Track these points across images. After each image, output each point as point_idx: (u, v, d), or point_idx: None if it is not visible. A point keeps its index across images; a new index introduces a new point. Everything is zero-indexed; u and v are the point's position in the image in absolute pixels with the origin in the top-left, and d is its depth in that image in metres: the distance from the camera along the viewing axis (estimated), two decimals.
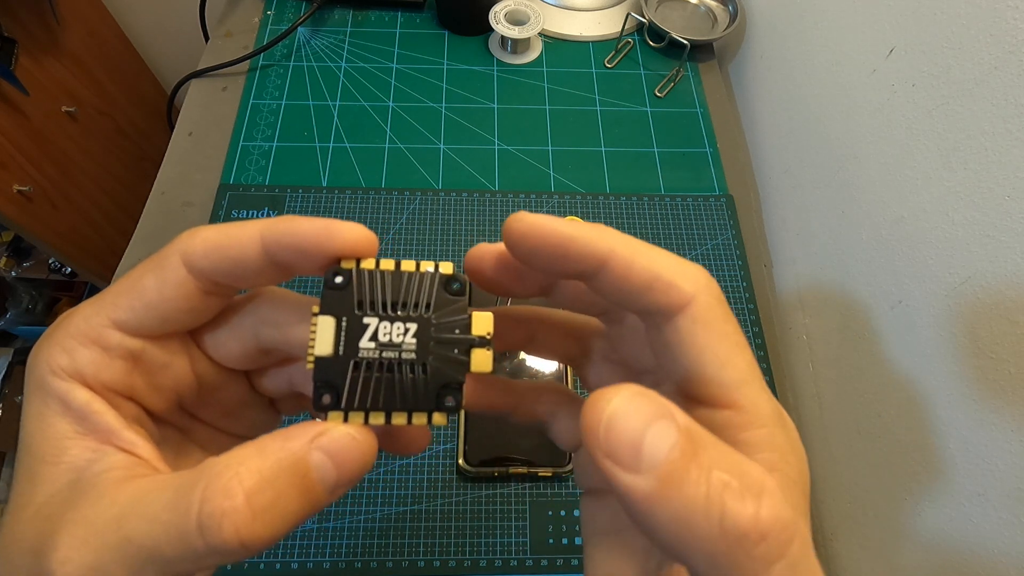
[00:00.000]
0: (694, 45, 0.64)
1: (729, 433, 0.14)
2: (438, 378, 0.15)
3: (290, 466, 0.13)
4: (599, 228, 0.15)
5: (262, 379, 0.19)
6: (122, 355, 0.15)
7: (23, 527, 0.14)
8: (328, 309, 0.15)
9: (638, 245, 0.15)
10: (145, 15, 1.05)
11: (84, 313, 0.15)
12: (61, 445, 0.14)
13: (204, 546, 0.12)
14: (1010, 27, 0.33)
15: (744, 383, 0.14)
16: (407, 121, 0.62)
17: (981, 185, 0.35)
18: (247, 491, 0.12)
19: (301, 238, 0.14)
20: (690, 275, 0.14)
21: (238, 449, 0.13)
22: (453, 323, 0.15)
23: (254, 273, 0.15)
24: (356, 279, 0.15)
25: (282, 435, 0.13)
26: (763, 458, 0.14)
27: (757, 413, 0.14)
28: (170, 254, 0.15)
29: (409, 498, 0.44)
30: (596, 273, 0.15)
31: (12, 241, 0.98)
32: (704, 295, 0.14)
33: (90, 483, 0.14)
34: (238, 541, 0.12)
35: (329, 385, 0.15)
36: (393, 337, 0.15)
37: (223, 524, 0.12)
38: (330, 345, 0.15)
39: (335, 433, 0.14)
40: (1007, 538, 0.33)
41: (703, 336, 0.14)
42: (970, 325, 0.35)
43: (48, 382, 0.14)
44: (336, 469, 0.13)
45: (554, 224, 0.15)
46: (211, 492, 0.12)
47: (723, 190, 0.60)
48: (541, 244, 0.15)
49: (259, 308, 0.17)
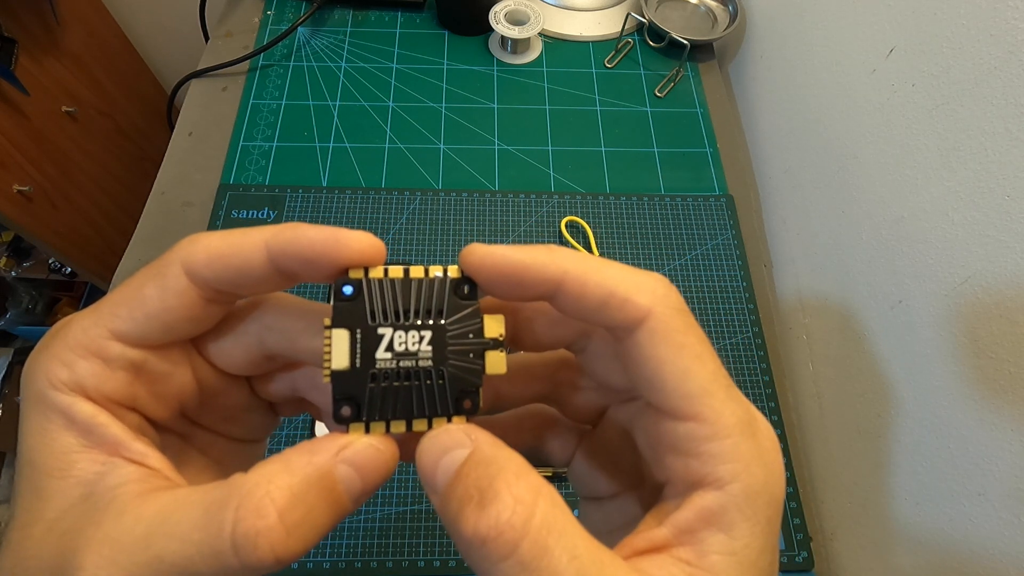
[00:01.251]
0: (694, 45, 0.64)
1: (692, 445, 0.14)
2: (456, 383, 0.15)
3: (318, 480, 0.13)
4: (550, 250, 0.15)
5: (264, 384, 0.19)
6: (123, 366, 0.15)
7: (36, 544, 0.13)
8: (341, 322, 0.15)
9: (591, 263, 0.15)
10: (145, 15, 1.05)
11: (82, 324, 0.15)
12: (68, 459, 0.14)
13: (239, 564, 0.12)
14: (1010, 27, 0.33)
15: (705, 394, 0.14)
16: (407, 121, 0.62)
17: (981, 185, 0.35)
18: (280, 509, 0.12)
19: (308, 248, 0.14)
20: (646, 288, 0.15)
21: (264, 465, 0.13)
22: (467, 328, 0.15)
23: (258, 282, 0.15)
24: (367, 289, 0.15)
25: (307, 449, 0.14)
26: (726, 469, 0.14)
27: (720, 424, 0.14)
28: (171, 262, 0.15)
29: (409, 498, 0.44)
30: (553, 295, 0.15)
31: (12, 241, 0.98)
32: (661, 307, 0.14)
33: (107, 498, 0.14)
34: (273, 558, 0.12)
35: (349, 398, 0.15)
36: (409, 346, 0.15)
37: (258, 543, 0.12)
38: (346, 358, 0.15)
39: (359, 445, 0.14)
40: (1007, 538, 0.33)
41: (663, 349, 0.14)
42: (970, 325, 0.35)
43: (49, 396, 0.14)
44: (361, 480, 0.14)
45: (504, 253, 0.15)
46: (244, 512, 0.12)
47: (723, 190, 0.60)
48: (495, 274, 0.15)
49: (264, 315, 0.17)
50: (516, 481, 0.13)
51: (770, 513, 0.14)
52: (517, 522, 0.12)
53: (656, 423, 0.15)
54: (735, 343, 0.51)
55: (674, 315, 0.15)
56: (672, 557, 0.14)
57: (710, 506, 0.14)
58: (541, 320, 0.18)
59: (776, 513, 0.14)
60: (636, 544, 0.14)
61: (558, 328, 0.18)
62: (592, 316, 0.15)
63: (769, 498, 0.14)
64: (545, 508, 0.13)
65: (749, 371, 0.50)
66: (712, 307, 0.53)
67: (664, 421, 0.15)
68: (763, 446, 0.14)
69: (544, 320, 0.18)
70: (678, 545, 0.14)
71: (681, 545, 0.14)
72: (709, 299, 0.53)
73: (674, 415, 0.14)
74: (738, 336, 0.52)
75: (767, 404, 0.49)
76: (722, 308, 0.53)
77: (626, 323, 0.14)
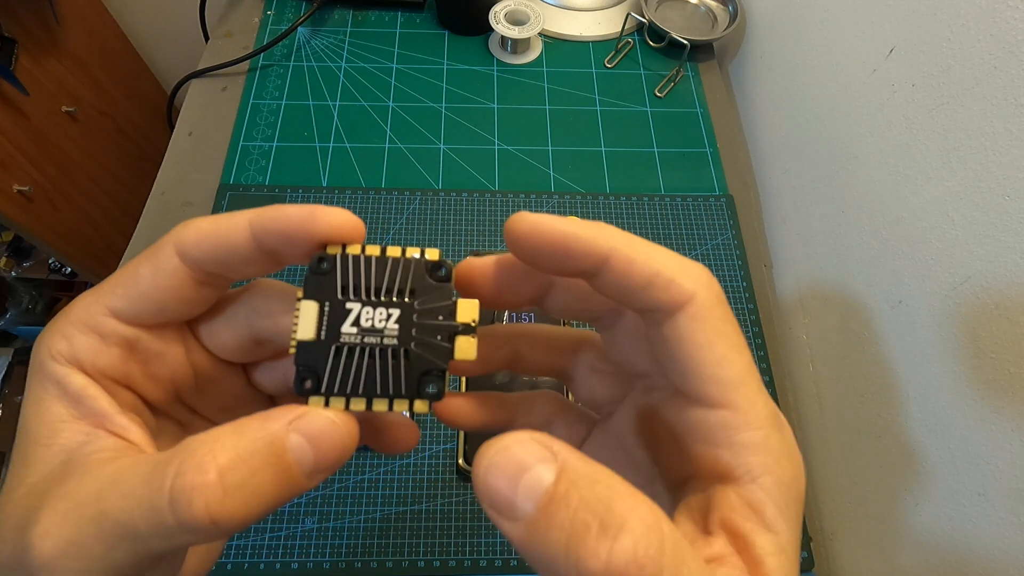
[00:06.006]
0: (694, 45, 0.64)
1: (724, 434, 0.14)
2: (419, 364, 0.15)
3: (266, 446, 0.13)
4: (600, 226, 0.15)
5: (257, 373, 0.19)
6: (118, 342, 0.15)
7: (12, 506, 0.14)
8: (311, 294, 0.15)
9: (639, 242, 0.15)
10: (145, 15, 1.05)
11: (84, 301, 0.15)
12: (55, 428, 0.14)
13: (175, 521, 0.12)
14: (1010, 27, 0.33)
15: (742, 383, 0.14)
16: (407, 121, 0.62)
17: (981, 185, 0.35)
18: (220, 467, 0.12)
19: (286, 223, 0.15)
20: (691, 273, 0.14)
21: (217, 428, 0.13)
22: (437, 309, 0.15)
23: (244, 261, 0.15)
24: (340, 264, 0.15)
25: (261, 416, 0.13)
26: (757, 461, 0.14)
27: (754, 415, 0.14)
28: (164, 244, 0.15)
29: (409, 498, 0.44)
30: (598, 270, 0.15)
31: (12, 241, 0.98)
32: (704, 293, 0.14)
33: (78, 463, 0.14)
34: (208, 517, 0.12)
35: (310, 369, 0.15)
36: (375, 323, 0.15)
37: (193, 499, 0.12)
38: (312, 330, 0.15)
39: (314, 416, 0.14)
40: (1007, 538, 0.33)
41: (702, 334, 0.14)
42: (970, 325, 0.35)
43: (47, 366, 0.15)
44: (314, 452, 0.13)
45: (555, 223, 0.15)
46: (185, 467, 0.12)
47: (723, 190, 0.60)
48: (543, 243, 0.15)
49: (252, 299, 0.17)
50: (634, 502, 0.12)
51: (799, 509, 0.14)
52: (654, 552, 0.11)
53: (684, 411, 0.15)
54: None
55: (716, 303, 0.14)
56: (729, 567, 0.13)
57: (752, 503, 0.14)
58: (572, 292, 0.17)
59: (801, 509, 0.14)
60: None
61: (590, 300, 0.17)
62: (634, 295, 0.15)
63: (798, 493, 0.14)
64: (667, 529, 0.11)
65: None
66: None
67: (694, 409, 0.15)
68: (789, 442, 0.14)
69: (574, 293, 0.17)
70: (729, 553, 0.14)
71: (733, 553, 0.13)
72: None
73: (707, 402, 0.14)
74: None
75: None
76: None
77: (669, 304, 0.14)
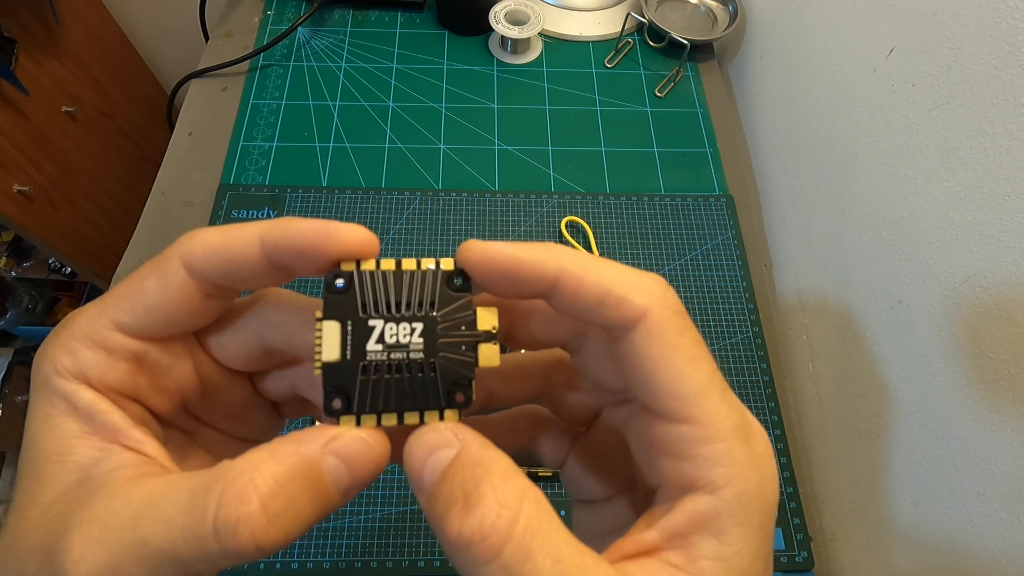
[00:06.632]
0: (694, 45, 0.64)
1: (686, 447, 0.14)
2: (448, 376, 0.15)
3: (303, 471, 0.13)
4: (548, 247, 0.15)
5: (265, 382, 0.19)
6: (125, 357, 0.15)
7: (30, 526, 0.14)
8: (332, 314, 0.15)
9: (589, 261, 0.15)
10: (145, 15, 1.05)
11: (88, 315, 0.15)
12: (67, 444, 0.14)
13: (220, 550, 0.12)
14: (1010, 27, 0.33)
15: (701, 396, 0.14)
16: (407, 121, 0.62)
17: (981, 185, 0.35)
18: (262, 497, 0.12)
19: (300, 240, 0.14)
20: (643, 288, 0.14)
21: (252, 453, 0.13)
22: (459, 320, 0.15)
23: (254, 276, 0.15)
24: (358, 281, 0.15)
25: (295, 439, 0.14)
26: (719, 473, 0.14)
27: (715, 428, 0.14)
28: (170, 256, 0.15)
29: (409, 498, 0.44)
30: (550, 292, 0.15)
31: (12, 241, 0.98)
32: (658, 307, 0.14)
33: (100, 482, 0.14)
34: (253, 545, 0.12)
35: (340, 390, 0.15)
36: (400, 338, 0.15)
37: (239, 529, 0.12)
38: (337, 350, 0.15)
39: (347, 438, 0.14)
40: (1007, 538, 0.33)
41: (657, 349, 0.14)
42: (970, 325, 0.35)
43: (54, 382, 0.14)
44: (349, 472, 0.14)
45: (502, 248, 0.15)
46: (227, 497, 0.12)
47: (723, 190, 0.60)
48: (493, 270, 0.15)
49: (262, 310, 0.17)
50: (502, 484, 0.13)
51: (763, 519, 0.14)
52: (501, 526, 0.12)
53: (649, 425, 0.15)
54: (735, 343, 0.51)
55: (671, 316, 0.14)
56: (661, 561, 0.14)
57: (702, 510, 0.14)
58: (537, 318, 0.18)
59: (769, 520, 0.14)
60: (625, 548, 0.14)
61: (554, 326, 0.18)
62: (588, 314, 0.15)
63: (762, 504, 0.14)
64: (530, 512, 0.12)
65: (749, 371, 0.50)
66: (712, 307, 0.53)
67: (657, 423, 0.15)
68: (757, 451, 0.14)
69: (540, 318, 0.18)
70: (668, 549, 0.14)
71: (671, 549, 0.14)
72: (709, 299, 0.53)
73: (667, 417, 0.14)
74: (738, 336, 0.52)
75: (767, 404, 0.49)
76: (722, 308, 0.53)
77: (622, 322, 0.14)
